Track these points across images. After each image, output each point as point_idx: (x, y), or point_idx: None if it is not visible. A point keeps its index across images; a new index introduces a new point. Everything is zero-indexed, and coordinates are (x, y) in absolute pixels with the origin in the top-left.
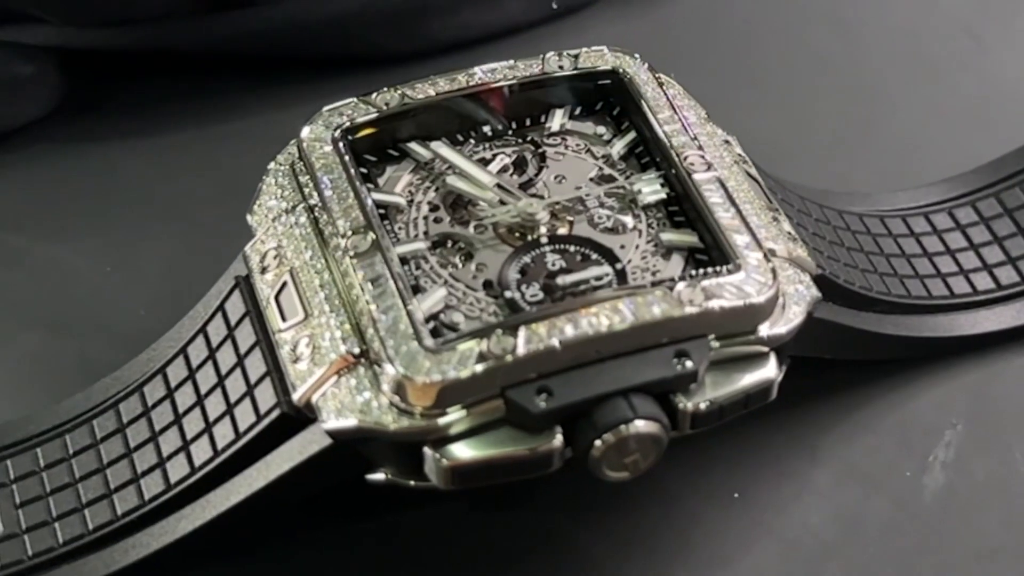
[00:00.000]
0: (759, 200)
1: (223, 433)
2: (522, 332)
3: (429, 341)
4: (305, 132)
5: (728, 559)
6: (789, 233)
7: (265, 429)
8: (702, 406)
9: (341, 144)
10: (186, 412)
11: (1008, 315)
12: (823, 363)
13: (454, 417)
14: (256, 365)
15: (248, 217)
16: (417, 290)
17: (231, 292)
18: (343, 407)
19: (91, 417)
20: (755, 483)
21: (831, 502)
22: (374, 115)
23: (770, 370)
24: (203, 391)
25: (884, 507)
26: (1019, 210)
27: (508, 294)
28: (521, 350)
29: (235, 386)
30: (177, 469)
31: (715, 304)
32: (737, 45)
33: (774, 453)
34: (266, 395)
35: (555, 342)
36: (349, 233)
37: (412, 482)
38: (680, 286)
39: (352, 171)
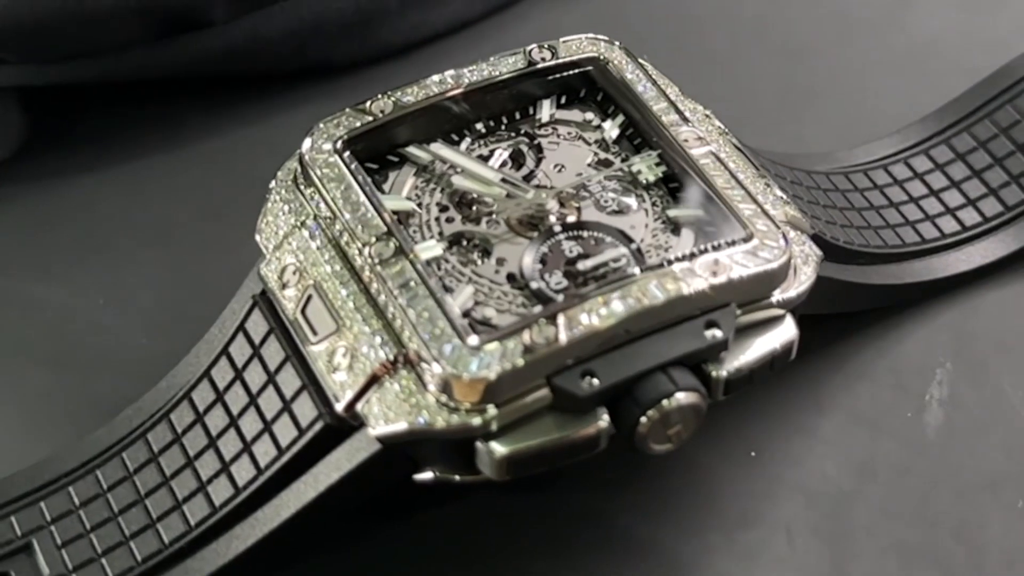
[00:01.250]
0: (750, 169)
1: (264, 450)
2: (561, 320)
3: (473, 338)
4: (306, 146)
5: (757, 516)
6: (782, 197)
7: (309, 442)
8: (734, 372)
9: (346, 154)
10: (220, 434)
11: (977, 255)
12: (813, 318)
13: (503, 410)
14: (289, 380)
15: (256, 236)
16: (445, 290)
17: (250, 311)
18: (391, 411)
19: (120, 450)
20: (768, 440)
21: (842, 450)
22: (371, 123)
23: (790, 331)
24: (235, 412)
25: (892, 449)
26: (971, 153)
27: (534, 284)
28: (563, 338)
29: (269, 403)
30: (220, 491)
31: (738, 273)
32: (671, 22)
33: (780, 409)
34: (305, 408)
35: (595, 326)
36: (372, 240)
37: (461, 477)
38: (701, 259)
39: (362, 179)
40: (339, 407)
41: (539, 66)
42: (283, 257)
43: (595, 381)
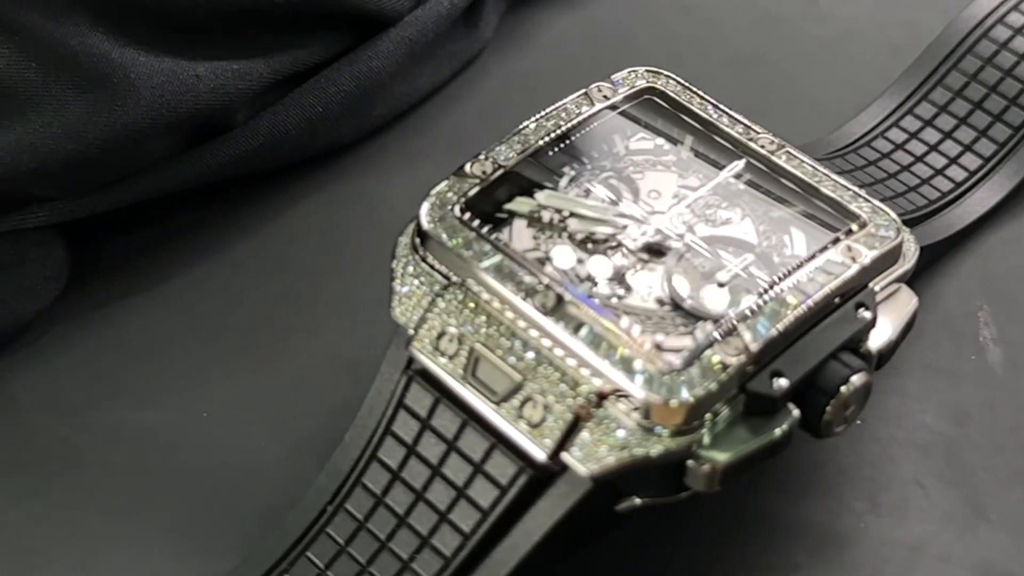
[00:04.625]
0: (815, 161)
1: (465, 516)
2: (743, 330)
3: (677, 362)
4: (424, 217)
5: (886, 477)
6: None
7: (514, 498)
8: (884, 346)
9: (466, 216)
10: (408, 511)
11: (977, 205)
12: None
13: (708, 426)
14: (474, 443)
15: (394, 316)
16: None
17: (407, 387)
18: (600, 449)
19: (303, 549)
20: (867, 407)
21: (932, 402)
22: (479, 183)
23: (913, 298)
24: (418, 486)
25: (972, 391)
26: (935, 119)
27: (686, 304)
28: (753, 347)
29: (456, 470)
30: (429, 565)
31: (871, 255)
32: (616, 52)
33: None
34: (502, 467)
35: (776, 330)
36: (538, 288)
37: (665, 498)
38: (836, 249)
39: (494, 237)
40: (541, 457)
41: (607, 103)
42: (432, 328)
43: (783, 380)
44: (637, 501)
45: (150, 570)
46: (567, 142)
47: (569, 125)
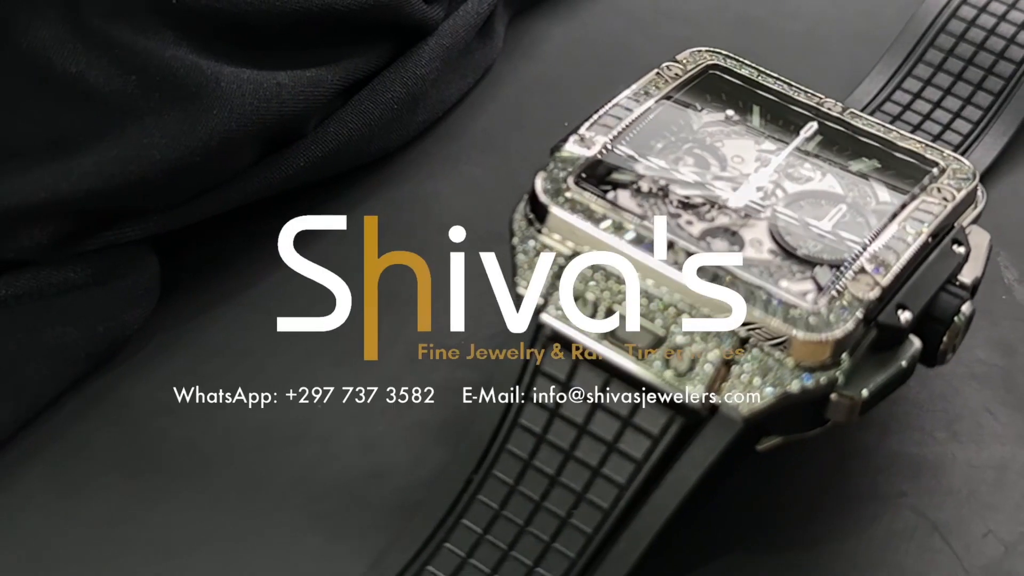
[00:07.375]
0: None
1: (618, 468)
2: (871, 268)
3: (823, 302)
4: (540, 193)
5: (957, 408)
6: None
7: (668, 445)
8: (976, 278)
9: (584, 185)
10: (560, 470)
11: (977, 165)
12: None
13: (849, 361)
14: (620, 398)
15: (518, 289)
16: None
17: (543, 356)
18: (753, 391)
19: (458, 517)
20: None
21: (979, 338)
22: (586, 160)
23: (986, 236)
24: (566, 446)
25: (1012, 325)
26: (924, 91)
27: (800, 252)
28: (884, 281)
29: (604, 426)
30: (589, 519)
31: (961, 195)
32: (616, 55)
33: None
34: (652, 417)
35: (898, 265)
36: (672, 246)
37: (803, 434)
38: (928, 192)
39: (618, 204)
40: (693, 403)
41: (679, 80)
42: (564, 296)
43: (907, 313)
44: (776, 439)
45: (295, 559)
46: (650, 117)
47: (650, 102)
